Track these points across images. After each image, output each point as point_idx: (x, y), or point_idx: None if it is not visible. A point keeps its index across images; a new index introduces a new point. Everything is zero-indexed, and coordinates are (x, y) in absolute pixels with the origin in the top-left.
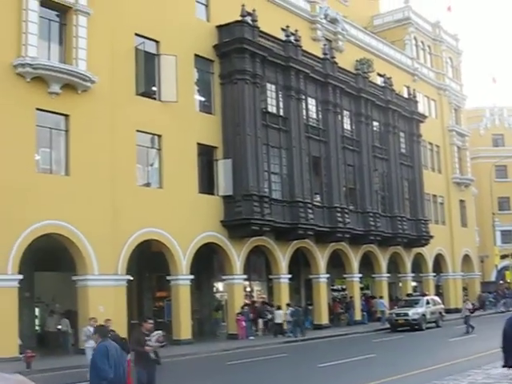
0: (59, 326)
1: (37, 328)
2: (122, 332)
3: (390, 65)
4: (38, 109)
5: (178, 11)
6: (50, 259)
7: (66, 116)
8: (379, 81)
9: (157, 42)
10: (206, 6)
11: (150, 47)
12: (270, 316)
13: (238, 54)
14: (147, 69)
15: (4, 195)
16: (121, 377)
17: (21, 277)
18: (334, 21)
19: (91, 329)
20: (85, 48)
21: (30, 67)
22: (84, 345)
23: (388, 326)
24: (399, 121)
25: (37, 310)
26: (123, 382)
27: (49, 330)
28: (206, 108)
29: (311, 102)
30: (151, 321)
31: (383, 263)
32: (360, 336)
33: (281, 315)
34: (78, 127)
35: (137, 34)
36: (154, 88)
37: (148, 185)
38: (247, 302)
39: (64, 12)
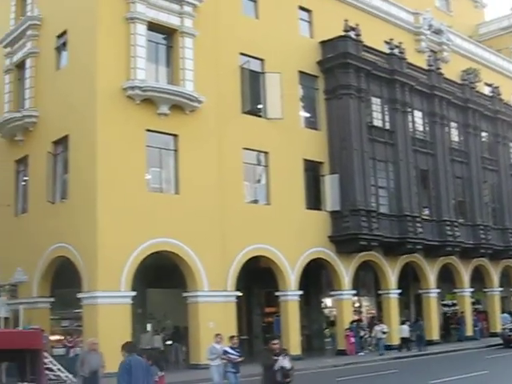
0: (169, 342)
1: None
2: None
3: (498, 73)
4: (147, 130)
5: (281, 29)
6: (161, 276)
7: (175, 136)
8: (486, 90)
9: (261, 60)
10: (309, 22)
11: (255, 66)
12: (362, 333)
13: (342, 68)
14: (252, 87)
15: (117, 214)
16: None
17: (134, 293)
18: (438, 31)
19: (217, 346)
20: (191, 69)
21: (140, 90)
22: (209, 363)
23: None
24: (509, 131)
25: (149, 326)
26: None
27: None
28: (311, 124)
29: (417, 114)
30: (276, 341)
31: (495, 277)
32: (472, 352)
33: (406, 330)
34: (187, 146)
35: (241, 53)
36: (260, 106)
37: (256, 201)
38: (356, 317)
39: (170, 35)
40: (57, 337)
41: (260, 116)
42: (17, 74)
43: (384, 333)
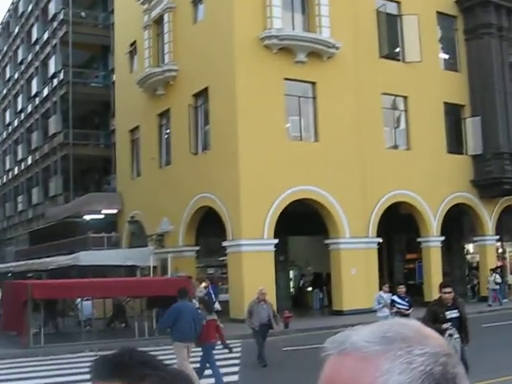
0: (309, 289)
1: (291, 290)
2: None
3: None
4: (285, 78)
5: None
6: (302, 224)
7: (313, 83)
8: None
9: (398, 2)
10: None
11: (391, 8)
12: (475, 281)
13: (482, 7)
14: (389, 30)
15: (258, 163)
16: (191, 330)
17: (276, 241)
18: None
19: (384, 295)
20: (327, 15)
21: (277, 39)
22: (377, 314)
23: None
24: None
25: (291, 273)
26: (193, 334)
27: (301, 292)
28: (450, 66)
29: None
30: (448, 289)
31: None
32: None
33: None
34: (325, 93)
35: None
36: (397, 49)
37: (395, 147)
38: (499, 263)
39: None
40: (203, 284)
41: (398, 60)
42: (155, 29)
43: None
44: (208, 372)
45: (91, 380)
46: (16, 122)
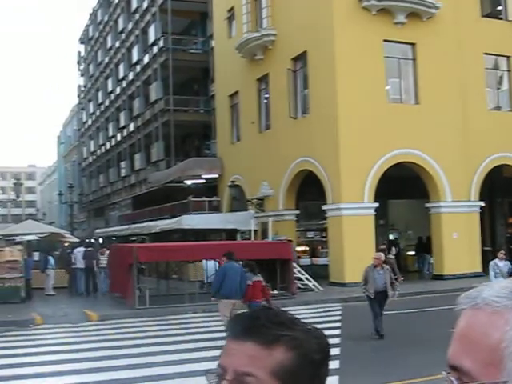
0: (411, 253)
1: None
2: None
3: None
4: (385, 40)
5: None
6: (402, 187)
7: (413, 45)
8: None
9: None
10: None
11: None
12: None
13: None
14: None
15: (358, 126)
16: (235, 290)
17: (376, 205)
18: None
19: (500, 264)
20: None
21: (375, 0)
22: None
23: None
24: None
25: (390, 237)
26: (237, 293)
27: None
28: None
29: None
30: (502, 251)
31: None
32: None
33: None
34: (425, 55)
35: None
36: (500, 7)
37: (498, 108)
38: None
39: None
40: (303, 247)
41: (500, 18)
42: None
43: None
44: None
45: (226, 338)
46: (118, 90)
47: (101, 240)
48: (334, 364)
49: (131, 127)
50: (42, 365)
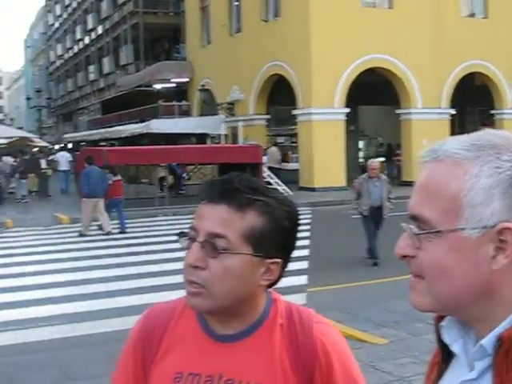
0: (381, 159)
1: (360, 160)
2: None
3: None
4: None
5: None
6: (373, 94)
7: None
8: None
9: None
10: None
11: None
12: None
13: None
14: None
15: (330, 30)
16: (98, 190)
17: (347, 110)
18: None
19: None
20: None
21: None
22: None
23: None
24: None
25: (360, 143)
26: (100, 192)
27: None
28: None
29: None
30: None
31: None
32: None
33: None
34: None
35: None
36: None
37: (472, 15)
38: None
39: None
40: None
41: None
42: None
43: None
44: None
45: (201, 200)
46: None
47: (70, 145)
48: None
49: (99, 30)
50: (17, 265)
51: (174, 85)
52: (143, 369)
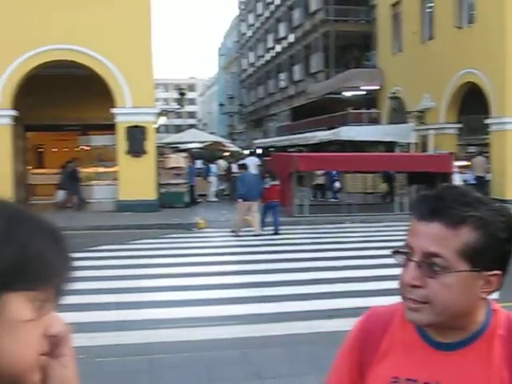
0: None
1: None
2: None
3: None
4: None
5: None
6: None
7: None
8: None
9: None
10: None
11: None
12: None
13: None
14: None
15: None
16: (252, 194)
17: None
18: None
19: None
20: None
21: None
22: None
23: None
24: None
25: None
26: (255, 196)
27: None
28: None
29: None
30: None
31: None
32: None
33: None
34: None
35: None
36: None
37: None
38: None
39: None
40: (463, 162)
41: None
42: None
43: None
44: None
45: (412, 217)
46: (277, 0)
47: (259, 150)
48: None
49: (291, 38)
50: (207, 265)
51: (364, 92)
52: (359, 369)
